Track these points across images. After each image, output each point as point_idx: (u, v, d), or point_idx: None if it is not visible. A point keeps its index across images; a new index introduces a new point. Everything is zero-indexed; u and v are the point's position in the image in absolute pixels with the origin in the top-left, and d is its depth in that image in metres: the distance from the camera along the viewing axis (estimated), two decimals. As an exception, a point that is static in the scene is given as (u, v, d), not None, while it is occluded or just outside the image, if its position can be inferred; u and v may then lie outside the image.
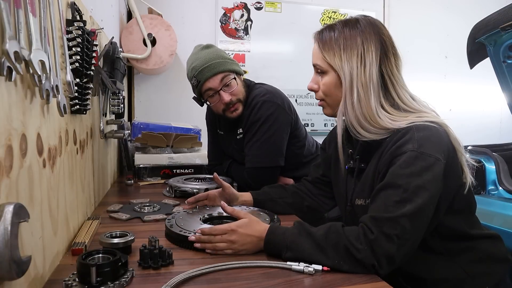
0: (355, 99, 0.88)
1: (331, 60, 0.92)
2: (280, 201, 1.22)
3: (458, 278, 0.89)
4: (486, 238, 0.95)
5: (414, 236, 0.78)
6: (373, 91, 0.88)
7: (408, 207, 0.76)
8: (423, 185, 0.78)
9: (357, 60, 0.89)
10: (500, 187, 1.89)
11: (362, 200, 0.94)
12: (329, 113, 0.99)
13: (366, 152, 0.94)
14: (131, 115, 2.61)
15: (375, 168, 0.89)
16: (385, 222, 0.76)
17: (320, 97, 0.98)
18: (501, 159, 1.96)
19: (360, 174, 0.96)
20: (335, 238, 0.79)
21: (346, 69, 0.89)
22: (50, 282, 0.70)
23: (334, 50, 0.91)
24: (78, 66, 0.91)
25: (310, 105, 2.97)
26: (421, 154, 0.79)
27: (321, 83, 0.96)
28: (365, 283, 0.73)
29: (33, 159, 0.64)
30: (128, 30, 2.31)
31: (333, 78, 0.93)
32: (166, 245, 0.89)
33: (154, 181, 1.79)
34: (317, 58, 0.95)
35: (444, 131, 0.86)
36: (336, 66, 0.91)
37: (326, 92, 0.95)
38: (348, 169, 1.01)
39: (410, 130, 0.83)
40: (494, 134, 3.38)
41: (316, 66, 0.96)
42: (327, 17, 2.99)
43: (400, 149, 0.82)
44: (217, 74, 1.46)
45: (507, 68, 1.96)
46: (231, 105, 1.50)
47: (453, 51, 3.26)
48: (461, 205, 0.91)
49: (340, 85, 0.91)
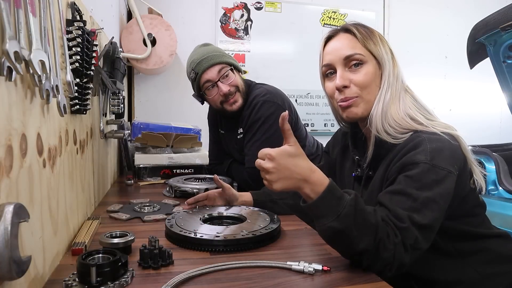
0: (391, 92, 0.88)
1: (372, 49, 0.90)
2: (280, 202, 1.22)
3: (472, 280, 0.88)
4: (495, 237, 0.94)
5: (423, 247, 0.77)
6: (402, 88, 0.89)
7: (417, 218, 0.75)
8: (433, 198, 0.76)
9: (388, 52, 0.90)
10: (500, 187, 1.89)
11: None
12: (363, 110, 0.91)
13: (374, 159, 0.92)
14: (131, 115, 2.61)
15: (383, 176, 0.87)
16: (403, 231, 0.74)
17: (353, 93, 0.90)
18: (501, 159, 1.96)
19: (368, 182, 0.94)
20: (381, 228, 0.73)
21: (385, 58, 0.89)
22: (50, 282, 0.70)
23: (373, 40, 0.91)
24: (78, 66, 0.91)
25: (310, 105, 2.97)
26: (433, 167, 0.78)
27: (356, 77, 0.90)
28: (365, 283, 0.73)
29: (33, 159, 0.64)
30: (128, 30, 2.31)
31: (374, 68, 0.90)
32: (166, 245, 0.89)
33: (154, 181, 1.79)
34: (355, 47, 0.91)
35: (457, 143, 0.85)
36: (379, 54, 0.90)
37: (366, 83, 0.89)
38: (355, 177, 0.99)
39: (423, 141, 0.81)
40: (494, 134, 3.38)
41: (354, 57, 0.90)
42: (327, 17, 2.99)
43: (412, 159, 0.80)
44: (214, 65, 1.48)
45: (507, 68, 1.96)
46: (231, 96, 1.51)
47: (453, 51, 3.26)
48: (469, 208, 0.90)
49: (379, 77, 0.90)
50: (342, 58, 0.91)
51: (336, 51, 0.92)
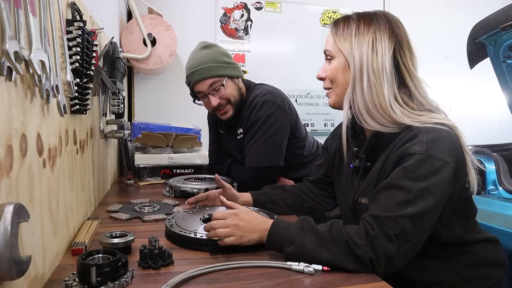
0: (365, 85, 0.87)
1: (341, 45, 0.92)
2: (280, 202, 1.22)
3: (452, 282, 0.89)
4: (484, 242, 0.94)
5: (414, 238, 0.77)
6: (386, 80, 0.87)
7: (410, 209, 0.75)
8: (427, 188, 0.77)
9: (368, 47, 0.89)
10: (500, 187, 1.89)
11: (365, 199, 0.94)
12: (334, 102, 0.97)
13: (372, 151, 0.93)
14: (131, 115, 2.61)
15: (381, 168, 0.88)
16: (385, 221, 0.76)
17: (327, 85, 0.98)
18: (501, 159, 1.96)
19: (366, 173, 0.95)
20: (337, 234, 0.79)
21: (356, 54, 0.89)
22: (50, 282, 0.70)
23: (345, 36, 0.92)
24: (78, 66, 0.91)
25: (310, 105, 2.97)
26: (429, 157, 0.78)
27: (327, 70, 0.96)
28: (365, 283, 0.73)
29: (33, 159, 0.64)
30: (128, 30, 2.31)
31: (341, 63, 0.92)
32: (166, 245, 0.89)
33: (154, 181, 1.79)
34: (328, 44, 0.96)
35: (454, 134, 0.85)
36: (345, 51, 0.91)
37: (333, 77, 0.94)
38: (354, 168, 1.00)
39: (419, 132, 0.82)
40: (494, 134, 3.38)
41: (326, 52, 0.96)
42: (327, 17, 2.99)
43: (407, 151, 0.80)
44: (206, 79, 1.47)
45: (507, 68, 1.96)
46: (221, 107, 1.52)
47: (453, 51, 3.26)
48: (461, 209, 0.90)
49: (348, 71, 0.91)
50: None
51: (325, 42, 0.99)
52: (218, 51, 1.52)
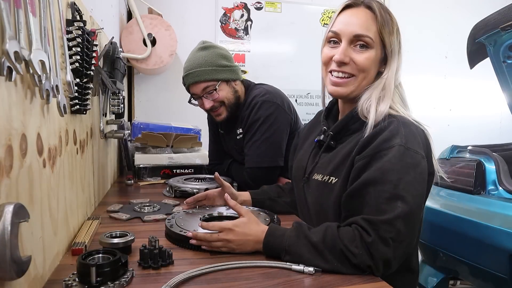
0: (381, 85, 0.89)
1: (386, 38, 0.89)
2: (279, 200, 1.22)
3: None
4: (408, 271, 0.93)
5: (408, 238, 0.77)
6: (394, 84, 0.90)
7: (400, 205, 0.75)
8: (411, 182, 0.77)
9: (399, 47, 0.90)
10: (500, 187, 1.89)
11: (319, 176, 0.94)
12: (350, 92, 0.91)
13: (341, 132, 0.94)
14: (131, 115, 2.61)
15: (349, 152, 0.88)
16: (380, 225, 0.75)
17: (350, 71, 0.90)
18: (501, 159, 1.96)
19: (328, 151, 0.95)
20: (331, 242, 0.77)
21: (394, 50, 0.90)
22: (50, 282, 0.70)
23: (389, 29, 0.89)
24: (78, 66, 0.91)
25: (310, 105, 2.97)
26: (408, 150, 0.79)
27: (357, 57, 0.88)
28: (365, 283, 0.73)
29: (33, 159, 0.64)
30: (128, 30, 2.31)
31: (378, 55, 0.90)
32: (166, 245, 0.89)
33: (154, 181, 1.79)
34: (369, 29, 0.88)
35: (422, 131, 0.86)
36: (389, 44, 0.89)
37: (367, 67, 0.89)
38: (318, 141, 0.99)
39: (394, 121, 0.83)
40: (494, 134, 3.38)
41: (364, 39, 0.88)
42: (327, 17, 2.99)
43: (387, 143, 0.80)
44: (199, 83, 1.48)
45: (507, 68, 1.96)
46: (214, 109, 1.54)
47: (453, 51, 3.25)
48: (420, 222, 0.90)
49: (377, 66, 0.91)
50: (352, 34, 0.88)
51: (349, 25, 0.89)
52: (215, 54, 1.51)
